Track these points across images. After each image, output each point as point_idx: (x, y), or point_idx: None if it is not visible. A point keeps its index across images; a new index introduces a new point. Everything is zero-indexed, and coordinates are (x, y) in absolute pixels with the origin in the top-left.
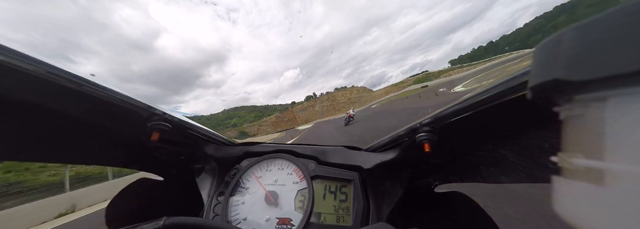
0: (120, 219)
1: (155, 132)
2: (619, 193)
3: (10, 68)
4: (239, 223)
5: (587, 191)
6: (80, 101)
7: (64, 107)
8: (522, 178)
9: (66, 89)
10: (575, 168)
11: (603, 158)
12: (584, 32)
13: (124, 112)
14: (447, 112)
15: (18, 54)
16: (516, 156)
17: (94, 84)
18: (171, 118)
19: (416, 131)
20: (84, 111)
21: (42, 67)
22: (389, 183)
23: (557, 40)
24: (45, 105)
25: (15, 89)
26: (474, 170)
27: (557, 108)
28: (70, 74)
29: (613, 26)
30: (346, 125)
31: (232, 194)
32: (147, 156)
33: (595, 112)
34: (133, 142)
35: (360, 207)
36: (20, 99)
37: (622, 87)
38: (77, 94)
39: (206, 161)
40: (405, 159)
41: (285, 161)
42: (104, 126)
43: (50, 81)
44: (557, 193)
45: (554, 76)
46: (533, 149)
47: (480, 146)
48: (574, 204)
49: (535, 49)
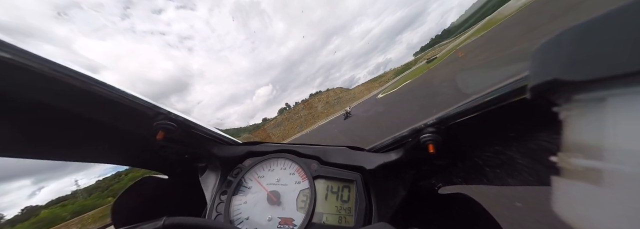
0: (125, 216)
1: (161, 131)
2: (618, 193)
3: (20, 66)
4: (241, 222)
5: (587, 191)
6: (88, 100)
7: (72, 106)
8: (529, 180)
9: (74, 87)
10: (575, 168)
11: (602, 158)
12: (583, 33)
13: (131, 111)
14: (452, 113)
15: (27, 53)
16: (523, 158)
17: (101, 83)
18: (176, 117)
19: (420, 131)
20: (91, 110)
21: (50, 65)
22: (392, 184)
23: (557, 40)
24: (52, 103)
25: (25, 87)
26: (479, 172)
27: (557, 108)
28: (78, 73)
29: (612, 27)
30: (345, 119)
31: (234, 194)
32: (152, 155)
33: (594, 113)
34: (139, 140)
35: (362, 207)
36: (29, 97)
37: (621, 87)
38: (85, 93)
39: (210, 160)
40: (409, 160)
41: (287, 160)
42: (111, 125)
43: (59, 79)
44: (557, 193)
45: (553, 76)
46: (541, 151)
47: (486, 148)
48: (574, 204)
49: (535, 49)
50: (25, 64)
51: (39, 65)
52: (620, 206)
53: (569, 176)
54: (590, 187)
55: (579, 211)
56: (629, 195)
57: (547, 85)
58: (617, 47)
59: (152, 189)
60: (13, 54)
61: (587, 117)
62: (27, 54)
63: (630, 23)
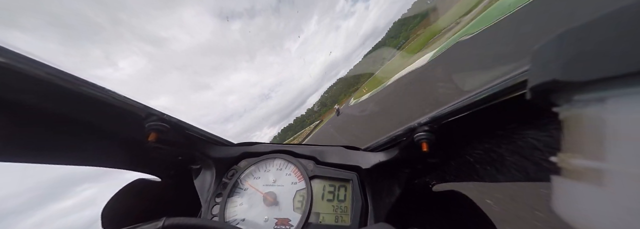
0: (116, 221)
1: (152, 132)
2: (618, 192)
3: (8, 69)
4: (238, 223)
5: (587, 191)
6: (77, 102)
7: (60, 108)
8: (518, 176)
9: (63, 89)
10: (575, 168)
11: (602, 158)
12: (583, 33)
13: (122, 112)
14: (445, 111)
15: (10, 52)
16: (512, 155)
17: (90, 84)
18: (169, 118)
19: (414, 130)
20: (80, 112)
21: (35, 66)
22: (388, 183)
23: (557, 41)
24: (40, 106)
25: (12, 89)
26: (470, 169)
27: (556, 108)
28: (65, 74)
29: (612, 27)
30: (338, 115)
31: (230, 196)
32: (144, 157)
33: (594, 113)
34: (130, 142)
35: (358, 207)
36: (16, 99)
37: (621, 87)
38: (74, 95)
39: (204, 162)
40: (404, 159)
41: (283, 161)
42: (101, 127)
43: (44, 80)
44: (557, 193)
45: (553, 77)
46: (529, 149)
47: (477, 146)
48: (573, 204)
49: (535, 50)
50: (7, 64)
51: (24, 65)
52: (620, 206)
53: (568, 176)
54: (590, 187)
55: (578, 211)
56: (629, 195)
57: (546, 85)
58: (617, 48)
59: (144, 191)
60: (2, 56)
61: (587, 117)
62: (11, 54)
63: (629, 23)
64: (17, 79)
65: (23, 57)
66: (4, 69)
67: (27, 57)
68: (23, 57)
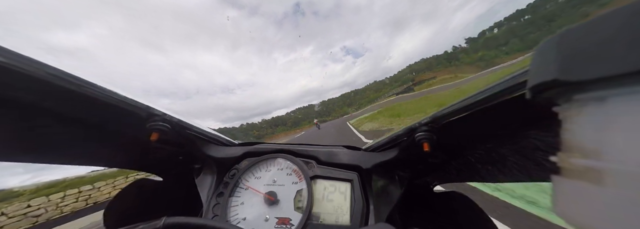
0: (119, 220)
1: (154, 132)
2: (618, 192)
3: (8, 69)
4: (238, 222)
5: (587, 191)
6: (78, 102)
7: (61, 108)
8: (520, 177)
9: (64, 89)
10: (575, 168)
11: (602, 158)
12: (584, 32)
13: (123, 112)
14: (446, 111)
15: (16, 55)
16: (514, 155)
17: (92, 85)
18: (170, 118)
19: (415, 130)
20: (82, 112)
21: (36, 66)
22: (388, 183)
23: (557, 40)
24: (40, 106)
25: (13, 89)
26: (472, 169)
27: (556, 108)
28: (68, 75)
29: (612, 26)
30: (319, 129)
31: (231, 195)
32: (146, 157)
33: (594, 113)
34: (132, 142)
35: (359, 207)
36: (16, 99)
37: (622, 87)
38: (75, 95)
39: (205, 162)
40: (405, 159)
41: (284, 161)
42: (102, 127)
43: (45, 80)
44: (557, 193)
45: (553, 76)
46: (531, 149)
47: (479, 145)
48: (573, 204)
49: (535, 49)
50: (8, 64)
51: (24, 65)
52: (620, 206)
53: (568, 175)
54: (590, 187)
55: (578, 211)
56: (629, 195)
57: (546, 85)
58: (617, 47)
59: (146, 191)
60: (2, 56)
61: (587, 117)
62: (11, 54)
63: (630, 23)
64: (17, 79)
65: (23, 57)
66: (4, 69)
67: (27, 57)
68: (23, 57)
